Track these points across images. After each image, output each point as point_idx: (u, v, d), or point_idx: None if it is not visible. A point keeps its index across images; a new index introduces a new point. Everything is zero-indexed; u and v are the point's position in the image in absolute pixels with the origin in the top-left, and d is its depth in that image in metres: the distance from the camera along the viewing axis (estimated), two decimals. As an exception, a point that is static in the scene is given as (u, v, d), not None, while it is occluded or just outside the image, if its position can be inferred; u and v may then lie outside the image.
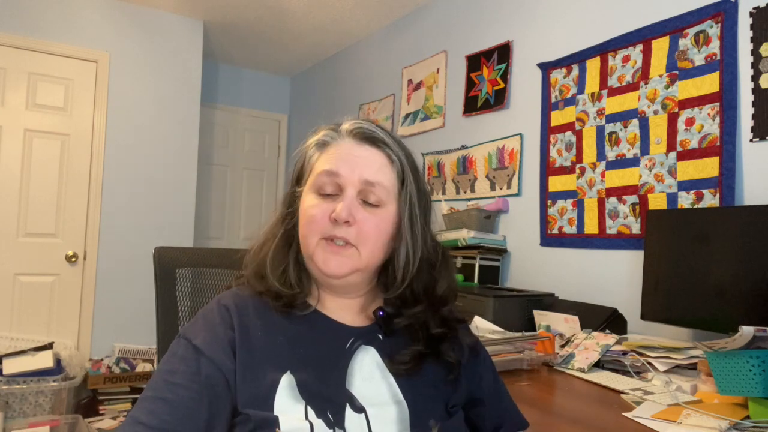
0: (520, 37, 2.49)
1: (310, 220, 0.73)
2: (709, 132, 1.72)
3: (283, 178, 4.62)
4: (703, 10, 1.75)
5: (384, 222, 0.74)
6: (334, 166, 0.74)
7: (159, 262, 1.08)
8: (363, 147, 0.76)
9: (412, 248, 0.75)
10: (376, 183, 0.73)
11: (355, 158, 0.74)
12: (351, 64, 3.85)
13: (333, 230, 0.72)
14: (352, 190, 0.73)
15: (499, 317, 1.85)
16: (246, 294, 0.76)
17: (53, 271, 3.13)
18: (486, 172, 2.61)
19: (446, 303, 0.78)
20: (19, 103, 3.05)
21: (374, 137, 0.77)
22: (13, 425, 2.53)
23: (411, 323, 0.76)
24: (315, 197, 0.74)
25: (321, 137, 0.79)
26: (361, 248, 0.72)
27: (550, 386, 1.32)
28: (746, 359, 0.98)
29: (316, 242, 0.72)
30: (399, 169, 0.77)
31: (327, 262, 0.72)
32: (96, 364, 3.01)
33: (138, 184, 3.37)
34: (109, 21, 3.29)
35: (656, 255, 1.65)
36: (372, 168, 0.74)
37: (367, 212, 0.73)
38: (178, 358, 0.69)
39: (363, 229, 0.72)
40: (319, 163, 0.77)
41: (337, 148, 0.76)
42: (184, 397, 0.65)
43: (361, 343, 0.75)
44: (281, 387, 0.67)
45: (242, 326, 0.71)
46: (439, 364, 0.76)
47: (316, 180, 0.75)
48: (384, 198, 0.74)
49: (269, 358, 0.70)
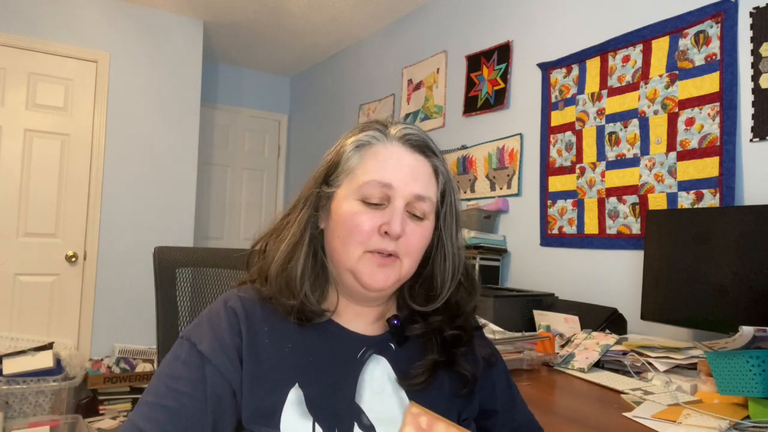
0: (520, 37, 2.49)
1: (355, 229, 0.68)
2: (709, 132, 1.71)
3: (283, 178, 4.62)
4: (703, 10, 1.75)
5: (427, 232, 0.72)
6: (387, 177, 0.69)
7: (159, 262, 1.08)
8: (413, 156, 0.71)
9: (454, 262, 0.74)
10: (426, 198, 0.70)
11: (405, 168, 0.70)
12: (351, 64, 3.85)
13: (381, 243, 0.68)
14: (401, 203, 0.69)
15: (499, 317, 1.85)
16: (253, 296, 0.72)
17: (53, 271, 3.13)
18: (486, 172, 2.61)
19: (463, 313, 0.76)
20: (19, 103, 3.05)
21: (425, 146, 0.73)
22: (13, 425, 2.53)
23: (426, 332, 0.74)
24: (359, 204, 0.68)
25: (363, 137, 0.72)
26: (404, 260, 0.70)
27: (550, 386, 1.32)
28: (746, 359, 0.98)
29: (359, 255, 0.68)
30: (443, 180, 0.74)
31: (374, 276, 0.68)
32: (96, 364, 3.01)
33: (138, 184, 3.37)
34: (109, 21, 3.29)
35: (656, 255, 1.65)
36: (422, 181, 0.71)
37: (414, 224, 0.70)
38: (181, 362, 0.65)
39: (410, 241, 0.69)
40: (362, 167, 0.70)
41: (386, 154, 0.70)
42: (187, 406, 0.62)
43: (372, 353, 0.72)
44: (288, 402, 0.65)
45: (250, 333, 0.68)
46: (453, 376, 0.73)
47: (363, 187, 0.68)
48: (428, 211, 0.71)
49: (276, 369, 0.66)
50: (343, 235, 0.69)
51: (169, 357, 0.68)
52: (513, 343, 1.46)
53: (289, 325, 0.70)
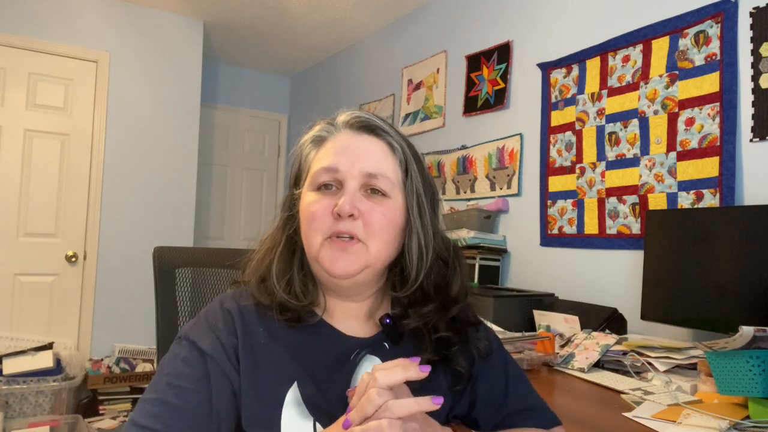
0: (520, 37, 2.49)
1: (311, 217, 0.68)
2: (709, 132, 1.71)
3: (283, 178, 4.62)
4: (703, 10, 1.75)
5: (391, 212, 0.69)
6: (332, 162, 0.69)
7: (159, 262, 1.08)
8: (362, 137, 0.71)
9: (424, 240, 0.71)
10: (379, 175, 0.68)
11: (354, 150, 0.69)
12: (351, 64, 3.85)
13: (337, 226, 0.66)
14: (353, 183, 0.68)
15: (499, 317, 1.85)
16: (248, 298, 0.72)
17: (53, 271, 3.13)
18: (486, 172, 2.61)
19: (457, 302, 0.73)
20: (19, 103, 3.05)
21: (373, 125, 0.72)
22: (13, 425, 2.53)
23: (419, 327, 0.71)
24: (314, 194, 0.69)
25: (316, 133, 0.74)
26: (369, 242, 0.67)
27: (550, 386, 1.31)
28: (746, 359, 0.98)
29: (320, 242, 0.67)
30: (402, 158, 0.72)
31: (334, 261, 0.66)
32: (96, 364, 3.01)
33: (138, 184, 3.37)
34: (109, 21, 3.29)
35: (656, 255, 1.65)
36: (373, 159, 0.69)
37: (373, 202, 0.68)
38: (181, 360, 0.65)
39: (369, 221, 0.67)
40: (316, 160, 0.72)
41: (334, 142, 0.71)
42: (191, 403, 0.61)
43: (366, 353, 0.71)
44: (287, 403, 0.64)
45: (246, 333, 0.67)
46: (447, 371, 0.72)
47: (314, 177, 0.70)
48: (389, 189, 0.69)
49: (273, 369, 0.66)
50: (305, 225, 0.70)
51: (168, 357, 0.67)
52: (513, 343, 1.46)
53: (282, 327, 0.69)
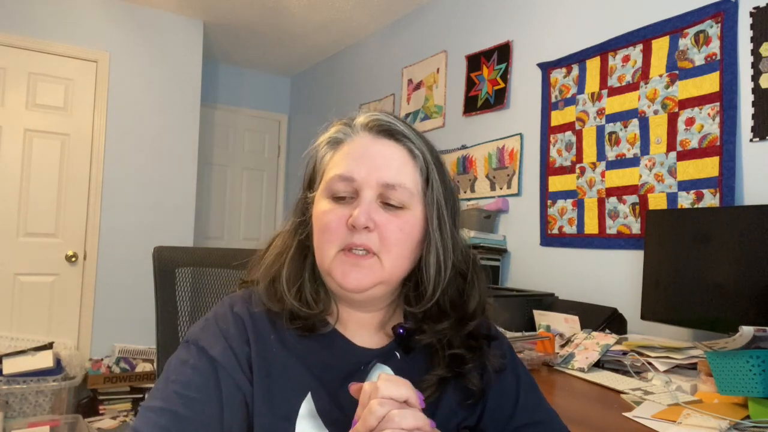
0: (520, 37, 2.49)
1: (324, 228, 0.64)
2: (709, 132, 1.71)
3: (283, 178, 4.62)
4: (703, 10, 1.75)
5: (408, 225, 0.65)
6: (348, 169, 0.64)
7: (158, 261, 1.08)
8: (380, 142, 0.67)
9: (443, 254, 0.66)
10: (397, 185, 0.64)
11: (371, 157, 0.65)
12: (351, 64, 3.85)
13: (351, 238, 0.63)
14: (369, 193, 0.64)
15: (499, 317, 1.84)
16: (258, 303, 0.69)
17: (53, 271, 3.13)
18: (486, 172, 2.61)
19: (474, 318, 0.70)
20: (19, 103, 3.05)
21: (393, 129, 0.67)
22: (13, 425, 2.53)
23: (432, 342, 0.67)
24: (328, 202, 0.65)
25: (333, 134, 0.70)
26: (383, 257, 0.63)
27: (550, 386, 1.31)
28: (746, 359, 0.98)
29: (333, 255, 0.64)
30: (423, 165, 0.67)
31: (346, 275, 0.63)
32: (96, 364, 3.01)
33: (138, 183, 3.37)
34: (109, 21, 3.29)
35: (656, 255, 1.65)
36: (392, 168, 0.65)
37: (389, 213, 0.64)
38: (190, 367, 0.61)
39: (385, 234, 0.63)
40: (332, 164, 0.68)
41: (351, 146, 0.67)
42: (200, 413, 0.59)
43: (376, 362, 0.68)
44: (302, 416, 0.62)
45: (259, 342, 0.65)
46: (459, 386, 0.68)
47: (329, 184, 0.66)
48: (407, 200, 0.65)
49: (286, 380, 0.64)
50: (317, 235, 0.66)
51: (174, 361, 0.64)
52: (513, 343, 1.46)
53: (293, 335, 0.67)
